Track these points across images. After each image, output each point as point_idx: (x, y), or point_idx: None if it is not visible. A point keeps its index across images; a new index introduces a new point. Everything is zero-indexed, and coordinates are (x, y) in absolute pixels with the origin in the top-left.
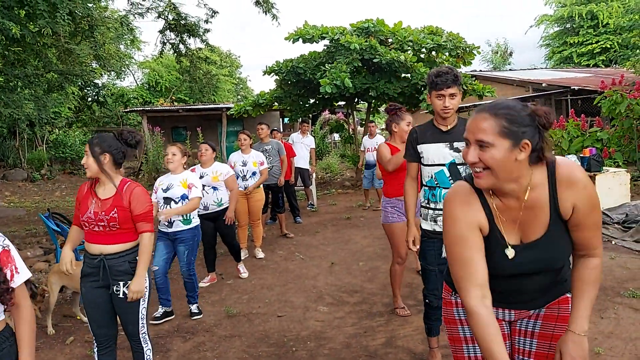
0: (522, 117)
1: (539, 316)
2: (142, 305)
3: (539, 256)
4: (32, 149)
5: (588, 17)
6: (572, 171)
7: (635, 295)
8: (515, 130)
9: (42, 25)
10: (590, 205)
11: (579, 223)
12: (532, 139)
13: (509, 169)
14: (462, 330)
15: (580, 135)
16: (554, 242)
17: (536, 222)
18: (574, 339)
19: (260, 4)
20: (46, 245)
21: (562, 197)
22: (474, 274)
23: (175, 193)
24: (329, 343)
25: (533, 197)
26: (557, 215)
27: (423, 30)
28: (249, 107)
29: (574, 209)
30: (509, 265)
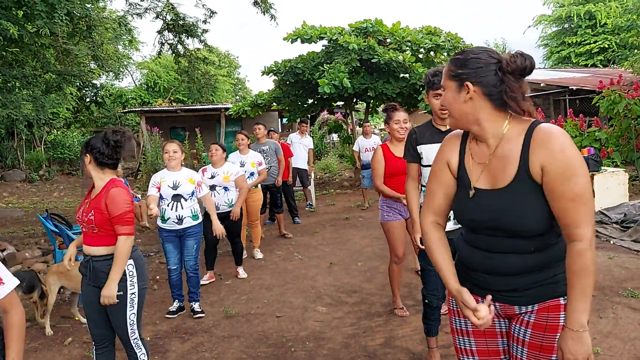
0: (473, 60)
1: (530, 324)
2: (130, 310)
3: (498, 206)
4: (31, 150)
5: (586, 17)
6: (551, 133)
7: (633, 294)
8: (460, 72)
9: (40, 26)
10: (563, 172)
11: (552, 190)
12: (480, 82)
13: (460, 110)
14: (454, 321)
15: (578, 135)
16: (516, 197)
17: (504, 172)
18: (572, 336)
19: (259, 4)
20: (44, 246)
21: (532, 156)
22: (433, 203)
23: (185, 190)
24: (328, 343)
25: (505, 148)
26: (525, 172)
27: (421, 31)
28: (247, 108)
29: (544, 171)
30: (471, 207)
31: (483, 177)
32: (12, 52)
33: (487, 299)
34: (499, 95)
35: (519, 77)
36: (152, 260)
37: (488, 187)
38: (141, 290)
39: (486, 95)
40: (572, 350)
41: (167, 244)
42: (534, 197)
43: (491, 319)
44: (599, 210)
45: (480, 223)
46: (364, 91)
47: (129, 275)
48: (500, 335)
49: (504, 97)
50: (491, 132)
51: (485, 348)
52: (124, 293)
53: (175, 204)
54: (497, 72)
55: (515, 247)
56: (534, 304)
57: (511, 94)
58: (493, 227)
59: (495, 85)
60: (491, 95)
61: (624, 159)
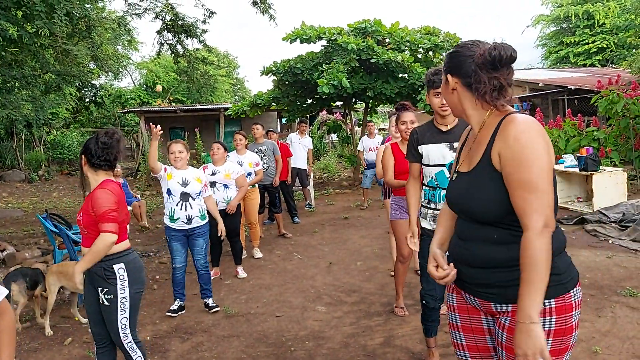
0: (454, 54)
1: (505, 327)
2: (121, 314)
3: (463, 187)
4: (30, 150)
5: (584, 17)
6: (511, 122)
7: (632, 293)
8: (445, 65)
9: (40, 26)
10: (513, 159)
11: (506, 177)
12: (458, 74)
13: (449, 100)
14: (449, 315)
15: (577, 135)
16: (475, 180)
17: (475, 157)
18: (520, 329)
19: (258, 4)
20: (44, 246)
21: (494, 143)
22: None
23: (193, 189)
24: (328, 343)
25: (483, 134)
26: (487, 158)
27: (420, 31)
28: (246, 108)
29: (500, 158)
30: (449, 188)
31: (465, 162)
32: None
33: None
34: (473, 88)
35: (490, 70)
36: (152, 260)
37: (464, 170)
38: (134, 295)
39: (466, 86)
40: (522, 345)
41: (174, 243)
42: (491, 182)
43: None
44: (597, 210)
45: (453, 205)
46: (362, 91)
47: (119, 279)
48: (489, 333)
49: (473, 87)
50: (475, 120)
51: (474, 344)
52: (114, 297)
53: (184, 204)
54: (471, 65)
55: (480, 235)
56: (507, 304)
57: (477, 85)
58: (459, 210)
59: (470, 76)
60: (470, 86)
61: (623, 158)
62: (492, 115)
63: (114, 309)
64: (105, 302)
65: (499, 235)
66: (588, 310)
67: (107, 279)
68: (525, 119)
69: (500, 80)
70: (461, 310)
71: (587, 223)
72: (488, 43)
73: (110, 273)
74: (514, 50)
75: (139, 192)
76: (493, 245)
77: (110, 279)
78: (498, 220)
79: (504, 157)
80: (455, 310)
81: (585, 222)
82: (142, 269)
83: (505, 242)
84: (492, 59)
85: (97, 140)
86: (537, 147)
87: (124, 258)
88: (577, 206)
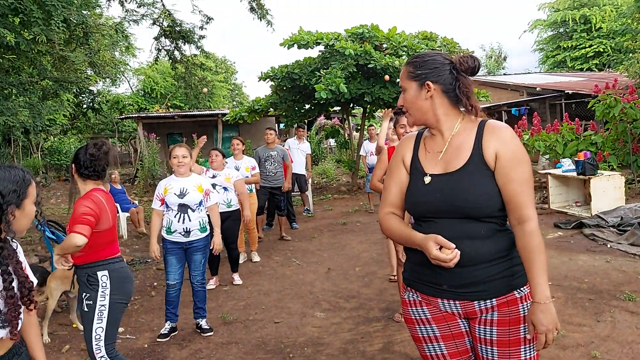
0: (431, 62)
1: (494, 322)
2: (97, 323)
3: (452, 185)
4: (27, 156)
5: (581, 22)
6: (501, 126)
7: (631, 298)
8: (419, 73)
9: (37, 33)
10: (514, 158)
11: (505, 173)
12: (438, 81)
13: (421, 107)
14: (419, 330)
15: (574, 139)
16: (468, 176)
17: (458, 158)
18: (541, 309)
19: (255, 10)
20: (41, 253)
21: (486, 143)
22: (388, 197)
23: (192, 200)
24: (326, 349)
25: (459, 139)
26: (479, 156)
27: (417, 36)
28: (244, 113)
29: (497, 157)
30: (426, 191)
31: (438, 164)
32: (9, 59)
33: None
34: (454, 92)
35: (468, 76)
36: (150, 267)
37: (442, 172)
38: (114, 305)
39: (444, 92)
40: (544, 322)
41: (170, 257)
42: (484, 177)
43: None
44: (596, 214)
45: (435, 205)
46: (360, 96)
47: (102, 286)
48: (466, 334)
49: (458, 93)
50: (447, 125)
51: (455, 350)
52: (93, 303)
53: (182, 215)
54: (451, 72)
55: (466, 231)
56: (492, 298)
57: (464, 89)
58: (446, 209)
59: (451, 83)
60: (448, 93)
61: (620, 162)
62: (464, 120)
63: (91, 316)
64: (85, 308)
65: (485, 230)
66: (587, 314)
67: (90, 284)
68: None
69: (472, 87)
70: (437, 320)
71: (586, 227)
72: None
73: (94, 279)
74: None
75: (136, 198)
76: (480, 240)
77: (92, 284)
78: (491, 214)
79: (503, 156)
80: (431, 322)
81: (583, 226)
82: (129, 280)
83: (490, 236)
84: (470, 66)
85: (86, 152)
86: (525, 150)
87: (109, 266)
88: (575, 210)
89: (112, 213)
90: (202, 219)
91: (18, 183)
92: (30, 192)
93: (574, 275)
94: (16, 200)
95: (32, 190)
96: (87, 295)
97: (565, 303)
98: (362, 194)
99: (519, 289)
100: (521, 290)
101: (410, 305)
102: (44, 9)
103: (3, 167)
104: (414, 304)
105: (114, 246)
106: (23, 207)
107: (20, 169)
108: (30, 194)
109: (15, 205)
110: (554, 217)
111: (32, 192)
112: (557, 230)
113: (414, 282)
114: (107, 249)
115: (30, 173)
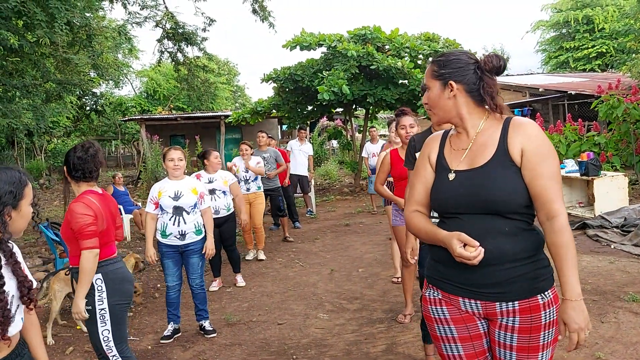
0: (455, 61)
1: (515, 329)
2: (102, 326)
3: (478, 180)
4: (31, 159)
5: (584, 22)
6: (527, 122)
7: (635, 299)
8: (442, 72)
9: (40, 35)
10: (540, 153)
11: (532, 168)
12: (462, 81)
13: (444, 106)
14: (437, 329)
15: (577, 140)
16: (495, 171)
17: (483, 154)
18: (573, 306)
19: (257, 12)
20: (45, 255)
21: (511, 139)
22: (414, 195)
23: (187, 202)
24: (330, 350)
25: (484, 135)
26: (504, 152)
27: (420, 37)
28: (247, 115)
29: (523, 152)
30: (451, 187)
31: (463, 162)
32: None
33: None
34: (478, 92)
35: (494, 76)
36: (153, 269)
37: (467, 168)
38: (114, 307)
39: (467, 92)
40: (577, 320)
41: (166, 260)
42: (509, 172)
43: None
44: (599, 215)
45: (459, 201)
46: (363, 97)
47: (97, 289)
48: (484, 335)
49: (482, 92)
50: (471, 123)
51: (472, 351)
52: (92, 308)
53: (177, 218)
54: (475, 71)
55: (490, 228)
56: (515, 300)
57: (488, 89)
58: (470, 204)
59: (475, 82)
60: (471, 92)
61: (624, 163)
62: (489, 118)
63: (93, 320)
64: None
65: (510, 227)
66: (591, 315)
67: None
68: (532, 121)
69: (497, 87)
70: (456, 321)
71: (589, 228)
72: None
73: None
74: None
75: (139, 200)
76: (505, 237)
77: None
78: (516, 209)
79: (529, 151)
80: (450, 322)
81: (586, 227)
82: (126, 280)
83: (515, 234)
84: (495, 66)
85: (75, 154)
86: (552, 145)
87: (102, 268)
88: (578, 211)
89: (108, 214)
90: (197, 222)
91: (14, 184)
92: (27, 193)
93: None
94: (12, 201)
95: (29, 191)
96: (85, 300)
97: None
98: (365, 195)
99: (542, 294)
100: (545, 295)
101: (430, 303)
102: (47, 11)
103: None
104: (434, 302)
105: (110, 247)
106: (19, 208)
107: (17, 171)
108: (26, 195)
109: (12, 206)
110: None
111: (29, 193)
112: None
113: (436, 280)
114: (102, 251)
115: (26, 174)
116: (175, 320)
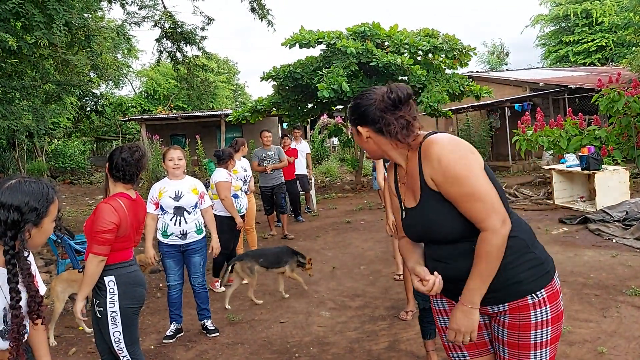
0: (357, 106)
1: (505, 324)
2: (113, 328)
3: (418, 220)
4: (32, 160)
5: (583, 16)
6: (429, 146)
7: (637, 293)
8: (353, 118)
9: (39, 37)
10: (447, 179)
11: (447, 194)
12: (366, 124)
13: (368, 148)
14: (439, 320)
15: (578, 134)
16: (427, 208)
17: (415, 190)
18: (463, 310)
19: (256, 10)
20: (47, 256)
21: (424, 170)
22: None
23: (188, 202)
24: (332, 348)
25: (411, 166)
26: (425, 185)
27: (419, 33)
28: (247, 114)
29: (435, 183)
30: (406, 225)
31: (407, 197)
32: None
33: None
34: (385, 130)
35: (394, 111)
36: (157, 269)
37: (412, 205)
38: (125, 310)
39: (377, 132)
40: (459, 323)
41: (167, 260)
42: (441, 205)
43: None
44: (600, 209)
45: (418, 234)
46: None
47: (109, 292)
48: (485, 327)
49: (384, 131)
50: (399, 158)
51: (472, 342)
52: (104, 309)
53: (178, 218)
54: (374, 112)
55: (457, 252)
56: (504, 303)
57: (387, 128)
58: (427, 237)
59: (378, 122)
60: (381, 131)
61: (625, 156)
62: (412, 148)
63: (105, 322)
64: (98, 315)
65: (462, 250)
66: (593, 310)
67: (99, 290)
68: (440, 138)
69: (405, 118)
70: None
71: (591, 222)
72: (382, 87)
73: (101, 285)
74: (408, 88)
75: None
76: (463, 259)
77: (101, 290)
78: (468, 235)
79: (437, 181)
80: (449, 313)
81: (588, 222)
82: (139, 284)
83: (470, 254)
84: (392, 100)
85: (120, 154)
86: (461, 159)
87: (115, 271)
88: (580, 205)
89: (134, 220)
90: (198, 221)
91: (40, 201)
92: (51, 211)
93: (580, 270)
94: (35, 219)
95: (54, 209)
96: (97, 301)
97: (572, 299)
98: (366, 192)
99: (533, 294)
100: (536, 295)
101: (436, 296)
102: (46, 12)
103: (29, 181)
104: (437, 295)
105: (127, 252)
106: (41, 225)
107: (45, 185)
108: (51, 212)
109: (34, 224)
110: (558, 212)
111: (54, 211)
112: (562, 226)
113: None
114: (117, 254)
115: (54, 189)
116: (177, 320)
